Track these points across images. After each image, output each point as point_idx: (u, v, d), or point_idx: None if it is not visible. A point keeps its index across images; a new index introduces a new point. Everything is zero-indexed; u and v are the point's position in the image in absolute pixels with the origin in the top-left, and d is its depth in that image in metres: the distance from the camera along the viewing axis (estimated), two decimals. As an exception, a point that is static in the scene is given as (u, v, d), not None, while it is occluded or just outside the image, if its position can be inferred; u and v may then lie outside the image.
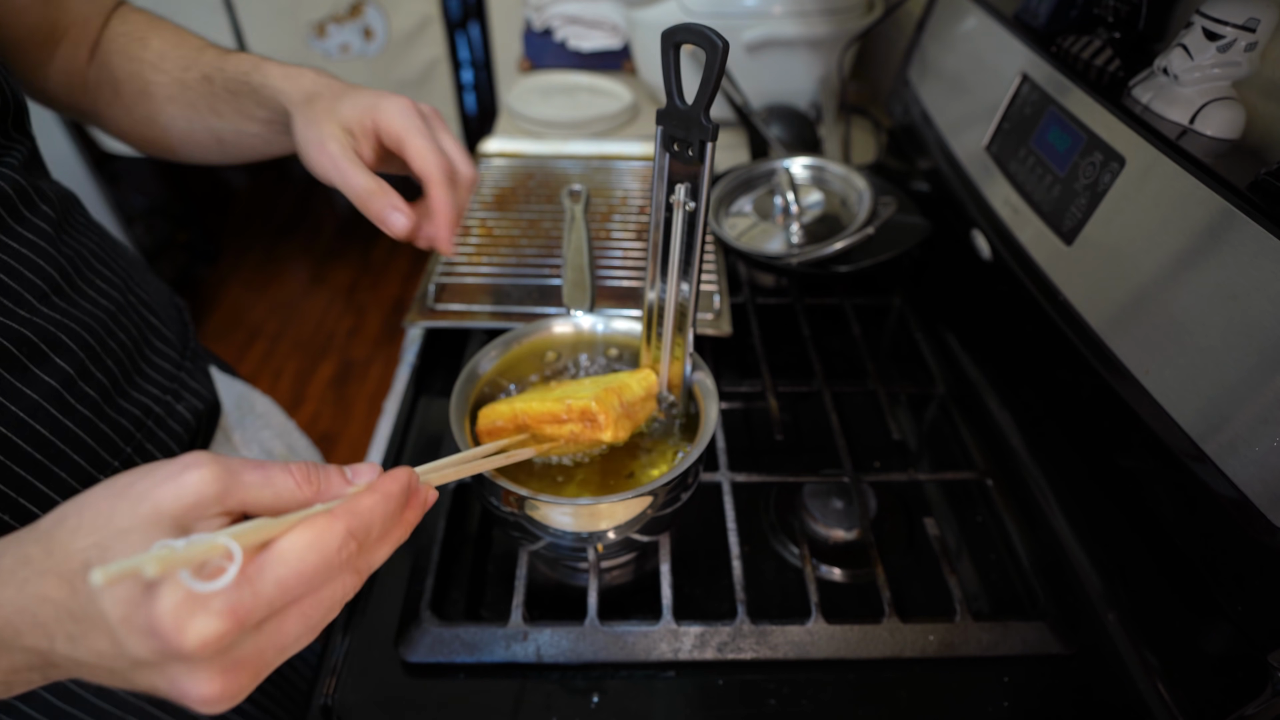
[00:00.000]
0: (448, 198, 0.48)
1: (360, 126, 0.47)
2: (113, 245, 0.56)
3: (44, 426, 0.45)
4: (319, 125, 0.47)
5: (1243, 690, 0.42)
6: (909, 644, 0.52)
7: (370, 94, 0.48)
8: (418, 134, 0.47)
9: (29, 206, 0.46)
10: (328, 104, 0.48)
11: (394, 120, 0.47)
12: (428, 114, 0.50)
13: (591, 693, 0.50)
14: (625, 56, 1.37)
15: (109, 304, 0.51)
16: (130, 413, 0.51)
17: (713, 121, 0.42)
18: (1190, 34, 0.50)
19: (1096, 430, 0.56)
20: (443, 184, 0.48)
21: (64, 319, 0.46)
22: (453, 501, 0.61)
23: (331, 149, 0.46)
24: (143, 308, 0.55)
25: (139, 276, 0.58)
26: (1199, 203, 0.45)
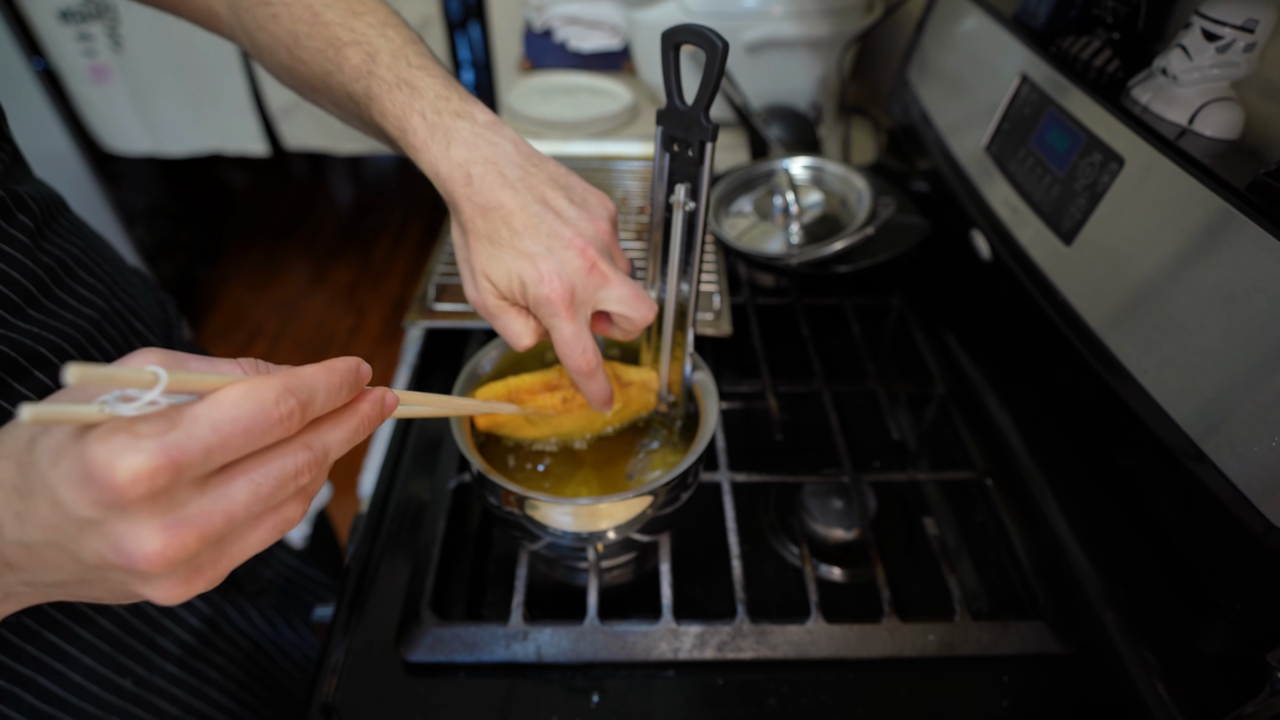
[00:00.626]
0: (590, 388, 0.46)
1: (512, 292, 0.43)
2: (98, 248, 0.55)
3: None
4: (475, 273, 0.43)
5: (1241, 689, 0.42)
6: (908, 643, 0.52)
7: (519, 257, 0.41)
8: (556, 328, 0.43)
9: (5, 217, 0.44)
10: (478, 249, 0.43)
11: (536, 305, 0.42)
12: (580, 284, 0.42)
13: (591, 692, 0.51)
14: (625, 57, 1.37)
15: (93, 312, 0.49)
16: None
17: (712, 122, 0.42)
18: (1189, 35, 0.50)
19: (1096, 430, 0.56)
20: (583, 381, 0.46)
21: (43, 331, 0.45)
22: (453, 502, 0.61)
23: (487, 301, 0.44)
24: (128, 314, 0.54)
25: (124, 279, 0.56)
26: (1198, 203, 0.45)
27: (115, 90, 1.90)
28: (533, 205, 0.42)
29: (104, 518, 0.24)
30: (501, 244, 0.42)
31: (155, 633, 0.56)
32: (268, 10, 0.47)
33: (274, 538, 0.28)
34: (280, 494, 0.27)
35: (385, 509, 0.63)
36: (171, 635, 0.57)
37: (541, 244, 0.41)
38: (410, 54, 0.45)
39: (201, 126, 1.99)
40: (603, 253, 0.43)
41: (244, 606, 0.65)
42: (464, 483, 0.63)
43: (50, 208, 0.50)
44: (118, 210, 2.10)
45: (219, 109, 2.01)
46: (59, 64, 1.83)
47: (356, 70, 0.44)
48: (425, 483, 0.64)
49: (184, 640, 0.58)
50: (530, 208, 0.42)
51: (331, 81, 0.46)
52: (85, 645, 0.51)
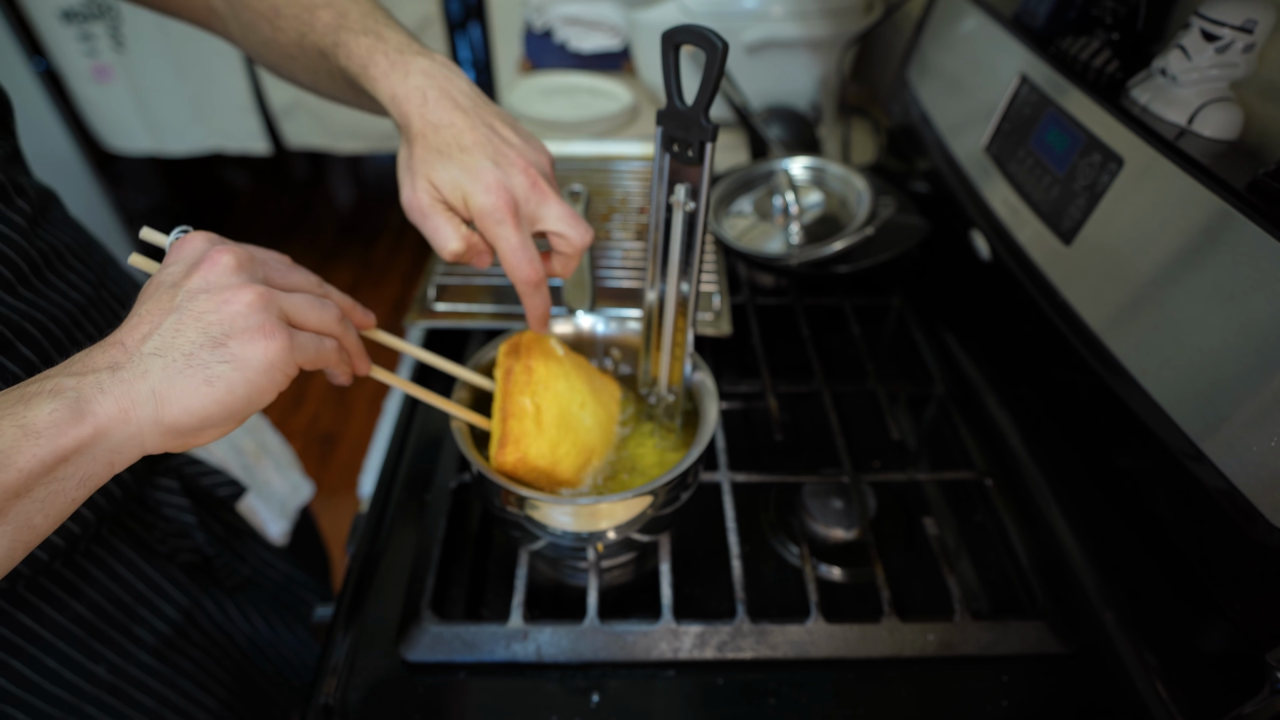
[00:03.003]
0: (534, 303, 0.49)
1: (452, 199, 0.46)
2: (89, 242, 0.58)
3: None
4: (415, 175, 0.46)
5: (1241, 689, 0.43)
6: (908, 643, 0.52)
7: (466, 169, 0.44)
8: (503, 236, 0.45)
9: (3, 199, 0.48)
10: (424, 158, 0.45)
11: (482, 213, 0.45)
12: (522, 198, 0.46)
13: (591, 692, 0.51)
14: (625, 57, 1.37)
15: (80, 296, 0.52)
16: None
17: (712, 122, 0.42)
18: (1188, 35, 0.50)
19: (1095, 430, 0.56)
20: (528, 291, 0.48)
21: (31, 309, 0.48)
22: (453, 502, 0.62)
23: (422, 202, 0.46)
24: (115, 302, 0.56)
25: (114, 273, 0.59)
26: (1197, 203, 0.45)
27: (117, 90, 1.90)
28: (481, 127, 0.46)
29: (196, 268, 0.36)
30: (450, 157, 0.45)
31: (131, 621, 0.56)
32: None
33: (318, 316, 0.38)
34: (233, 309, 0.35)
35: (385, 509, 0.63)
36: (147, 625, 0.57)
37: (489, 159, 0.45)
38: (378, 14, 0.49)
39: (203, 125, 1.99)
40: (543, 175, 0.47)
41: (221, 600, 0.65)
42: (464, 483, 0.63)
43: (46, 200, 0.53)
44: (119, 210, 2.10)
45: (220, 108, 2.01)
46: (60, 64, 1.84)
47: (328, 26, 0.48)
48: (425, 483, 0.64)
49: (160, 630, 0.58)
50: (479, 129, 0.45)
51: (305, 43, 0.49)
52: (59, 629, 0.52)
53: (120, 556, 0.56)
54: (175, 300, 0.34)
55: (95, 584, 0.54)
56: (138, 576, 0.57)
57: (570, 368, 0.53)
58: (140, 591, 0.57)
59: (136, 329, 0.34)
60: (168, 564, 0.60)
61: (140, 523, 0.58)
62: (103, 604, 0.54)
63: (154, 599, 0.58)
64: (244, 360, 0.34)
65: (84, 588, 0.53)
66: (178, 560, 0.60)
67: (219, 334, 0.34)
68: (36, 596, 0.51)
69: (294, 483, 0.82)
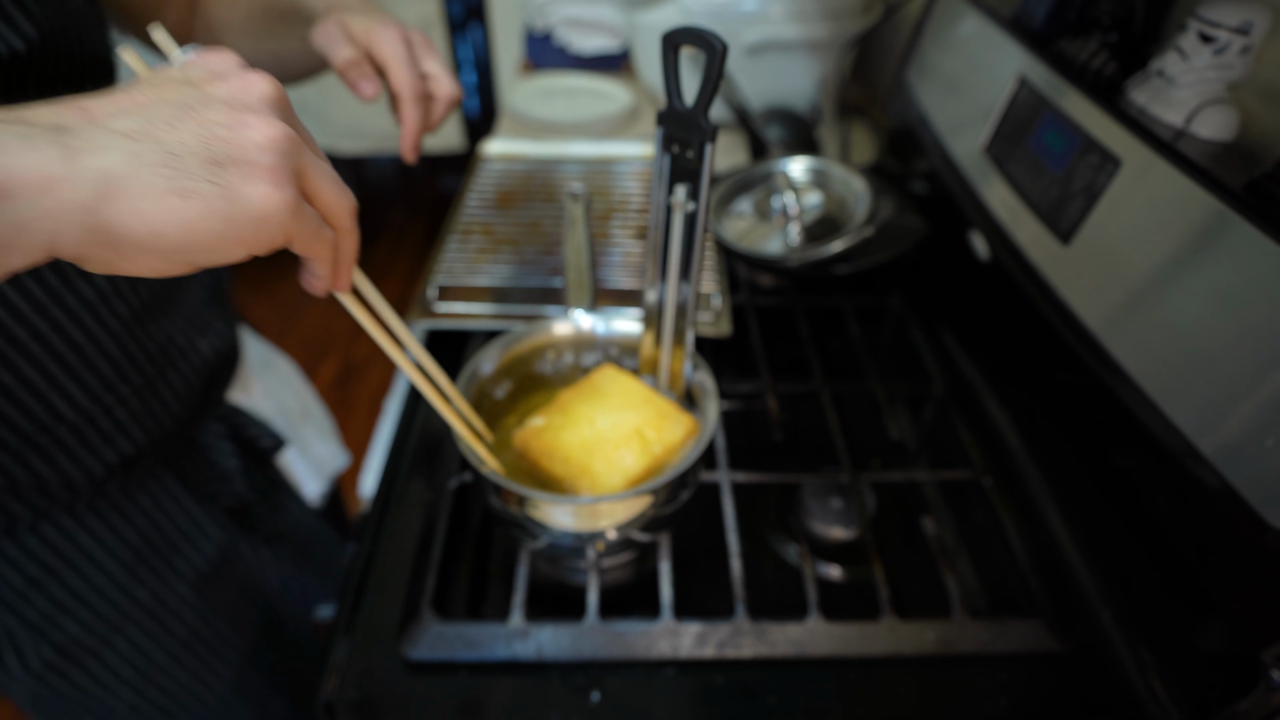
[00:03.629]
0: (413, 114, 0.57)
1: (358, 42, 0.56)
2: None
3: (80, 333, 0.50)
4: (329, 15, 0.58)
5: (1236, 686, 0.43)
6: (907, 642, 0.52)
7: (372, 20, 0.57)
8: (399, 61, 0.56)
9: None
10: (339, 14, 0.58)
11: (383, 47, 0.56)
12: (415, 42, 0.58)
13: (591, 690, 0.51)
14: (625, 59, 1.37)
15: None
16: (156, 339, 0.56)
17: (712, 123, 0.42)
18: (1185, 37, 0.50)
19: (1093, 430, 0.57)
20: (410, 102, 0.56)
21: None
22: (454, 501, 0.62)
23: (330, 29, 0.56)
24: None
25: None
26: (1194, 204, 0.45)
27: (116, 91, 1.90)
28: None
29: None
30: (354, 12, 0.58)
31: (173, 552, 0.62)
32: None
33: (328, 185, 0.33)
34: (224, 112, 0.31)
35: (387, 508, 0.63)
36: (187, 559, 0.63)
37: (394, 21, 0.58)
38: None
39: (202, 127, 2.00)
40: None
41: (256, 546, 0.70)
42: (465, 483, 0.63)
43: None
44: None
45: (220, 110, 2.01)
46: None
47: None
48: (426, 483, 0.64)
49: (198, 566, 0.63)
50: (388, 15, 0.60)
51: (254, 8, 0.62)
52: (109, 550, 0.57)
53: (168, 491, 0.62)
54: (183, 95, 0.28)
55: (144, 512, 0.59)
56: (182, 511, 0.62)
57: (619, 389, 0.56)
58: (183, 526, 0.62)
59: (112, 102, 0.27)
60: (211, 505, 0.65)
61: (190, 462, 0.64)
62: (149, 531, 0.60)
63: (195, 535, 0.63)
64: (237, 194, 0.27)
65: (134, 514, 0.59)
66: (220, 503, 0.66)
67: (221, 154, 0.28)
68: (92, 515, 0.56)
69: (333, 450, 0.87)
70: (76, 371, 0.50)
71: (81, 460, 0.53)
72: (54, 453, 0.51)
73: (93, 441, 0.53)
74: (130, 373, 0.54)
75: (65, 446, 0.52)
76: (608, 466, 0.51)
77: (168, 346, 0.57)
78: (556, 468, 0.51)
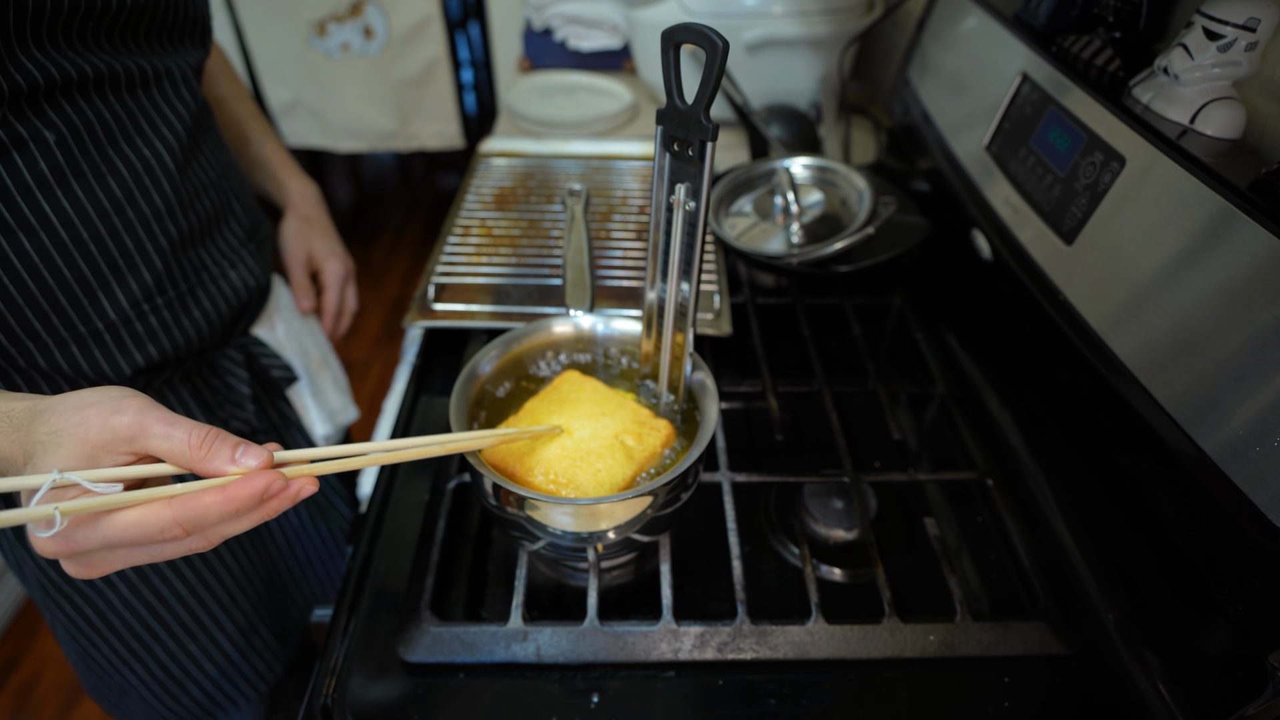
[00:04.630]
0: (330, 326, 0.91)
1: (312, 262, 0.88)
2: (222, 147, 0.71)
3: (132, 242, 0.58)
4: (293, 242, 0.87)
5: (1243, 690, 0.42)
6: (909, 644, 0.52)
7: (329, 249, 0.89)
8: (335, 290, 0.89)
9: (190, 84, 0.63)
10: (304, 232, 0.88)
11: (329, 276, 0.89)
12: (347, 275, 0.91)
13: (591, 693, 0.50)
14: (625, 56, 1.37)
15: (204, 178, 0.65)
16: (193, 261, 0.64)
17: (712, 121, 0.42)
18: (1191, 34, 0.50)
19: (1096, 430, 0.56)
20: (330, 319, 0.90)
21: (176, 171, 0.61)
22: (453, 502, 0.61)
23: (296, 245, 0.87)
24: (229, 193, 0.70)
25: (236, 177, 0.73)
26: (1199, 202, 0.45)
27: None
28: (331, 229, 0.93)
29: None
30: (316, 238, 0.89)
31: None
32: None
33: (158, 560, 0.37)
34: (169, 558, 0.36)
35: (385, 509, 0.63)
36: None
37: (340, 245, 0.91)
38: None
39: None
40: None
41: None
42: (464, 483, 0.63)
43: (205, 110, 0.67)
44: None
45: (219, 108, 2.01)
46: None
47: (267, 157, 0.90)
48: (425, 483, 0.64)
49: None
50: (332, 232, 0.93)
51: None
52: None
53: (183, 407, 0.67)
54: None
55: None
56: None
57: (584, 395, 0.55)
58: None
59: None
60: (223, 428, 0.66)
61: (206, 384, 0.70)
62: None
63: None
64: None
65: None
66: (230, 427, 0.71)
67: None
68: None
69: (345, 402, 0.93)
70: (124, 276, 0.58)
71: (114, 357, 0.60)
72: (91, 347, 0.59)
73: (126, 342, 0.60)
74: (167, 285, 0.62)
75: (102, 342, 0.59)
76: (593, 477, 0.50)
77: (201, 271, 0.65)
78: (536, 480, 0.50)
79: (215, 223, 0.67)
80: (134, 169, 0.57)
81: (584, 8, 1.30)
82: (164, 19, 0.58)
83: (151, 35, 0.58)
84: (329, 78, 1.98)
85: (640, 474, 0.52)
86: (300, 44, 1.92)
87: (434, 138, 2.15)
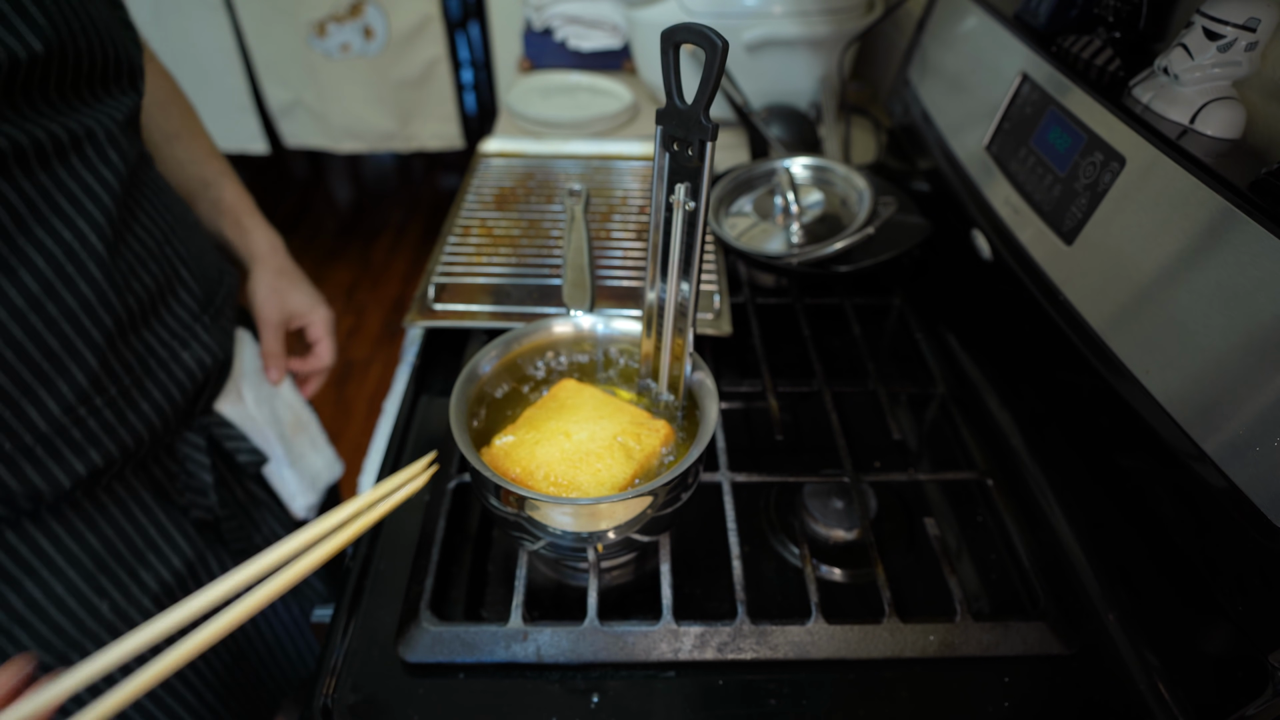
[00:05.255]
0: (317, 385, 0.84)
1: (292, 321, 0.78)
2: (168, 205, 0.61)
3: (57, 341, 0.50)
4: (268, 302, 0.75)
5: (1243, 690, 0.42)
6: (909, 644, 0.52)
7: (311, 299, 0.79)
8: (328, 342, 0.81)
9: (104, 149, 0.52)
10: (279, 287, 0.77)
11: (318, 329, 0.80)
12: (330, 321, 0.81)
13: (591, 693, 0.50)
14: (625, 56, 1.37)
15: (140, 250, 0.56)
16: (136, 350, 0.55)
17: (712, 121, 0.41)
18: (1191, 34, 0.50)
19: (1097, 430, 0.56)
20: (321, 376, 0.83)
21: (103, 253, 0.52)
22: (452, 502, 0.61)
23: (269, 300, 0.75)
24: (176, 260, 0.60)
25: (184, 235, 0.62)
26: (1200, 202, 0.45)
27: (115, 89, 1.90)
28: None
29: None
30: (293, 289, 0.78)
31: (138, 563, 0.59)
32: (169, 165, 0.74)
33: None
34: None
35: (385, 509, 0.62)
36: (153, 570, 0.59)
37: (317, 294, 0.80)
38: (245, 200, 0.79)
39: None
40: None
41: (226, 562, 0.66)
42: (464, 483, 0.63)
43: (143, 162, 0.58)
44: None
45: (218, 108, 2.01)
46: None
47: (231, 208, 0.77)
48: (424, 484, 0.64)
49: (164, 579, 0.60)
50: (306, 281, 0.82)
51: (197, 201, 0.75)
52: (71, 557, 0.54)
53: (138, 499, 0.59)
54: None
55: (111, 520, 0.57)
56: (151, 521, 0.60)
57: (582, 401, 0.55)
58: (151, 536, 0.60)
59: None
60: (181, 517, 0.63)
61: (164, 471, 0.61)
62: (114, 541, 0.57)
63: (163, 546, 0.60)
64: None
65: (100, 521, 0.56)
66: (191, 515, 0.63)
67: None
68: (56, 521, 0.53)
69: (328, 459, 0.86)
70: (50, 380, 0.49)
71: (50, 471, 0.51)
72: (21, 463, 0.49)
73: (63, 453, 0.51)
74: (106, 382, 0.52)
75: (33, 457, 0.50)
76: (593, 477, 0.50)
77: (147, 357, 0.55)
78: (538, 483, 0.50)
79: (159, 299, 0.57)
80: (52, 258, 0.48)
81: (584, 8, 1.30)
82: (77, 69, 0.47)
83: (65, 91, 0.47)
84: (329, 78, 1.98)
85: (640, 474, 0.52)
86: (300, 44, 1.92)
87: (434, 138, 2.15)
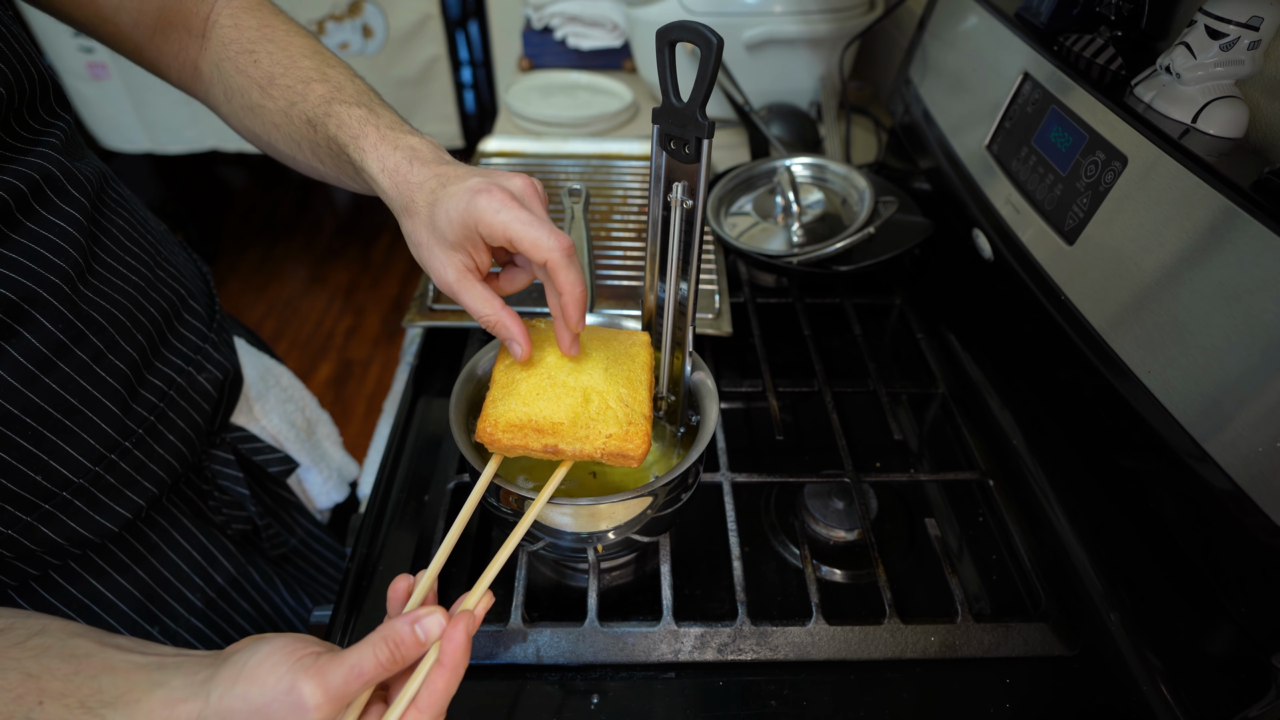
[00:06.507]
0: (575, 276, 0.44)
1: (468, 241, 0.45)
2: (142, 220, 0.57)
3: (76, 397, 0.47)
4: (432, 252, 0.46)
5: (1246, 692, 0.42)
6: (910, 645, 0.52)
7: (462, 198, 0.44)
8: (522, 225, 0.43)
9: (61, 195, 0.47)
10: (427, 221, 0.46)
11: (493, 224, 0.43)
12: (524, 195, 0.46)
13: (591, 694, 0.50)
14: (625, 55, 1.36)
15: (138, 279, 0.52)
16: (155, 385, 0.53)
17: (709, 119, 0.41)
18: (1193, 32, 0.49)
19: (1098, 430, 0.56)
20: (566, 265, 0.44)
21: (97, 298, 0.49)
22: (452, 502, 0.61)
23: (450, 278, 0.46)
24: (172, 280, 0.57)
25: (167, 249, 0.59)
26: (1201, 202, 0.44)
27: (113, 87, 1.90)
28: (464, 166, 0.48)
29: None
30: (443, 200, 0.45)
31: (185, 586, 0.59)
32: (250, 57, 0.54)
33: None
34: None
35: (384, 509, 0.62)
36: (199, 590, 0.60)
37: (476, 175, 0.46)
38: (372, 94, 0.53)
39: (199, 124, 1.99)
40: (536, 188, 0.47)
41: (265, 570, 0.67)
42: (464, 483, 0.63)
43: (102, 183, 0.53)
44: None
45: (218, 108, 2.01)
46: (56, 61, 1.83)
47: (321, 98, 0.51)
48: (424, 483, 0.64)
49: (209, 596, 0.61)
50: (463, 166, 0.48)
51: (294, 111, 0.52)
52: (121, 592, 0.55)
53: (179, 525, 0.58)
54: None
55: (156, 551, 0.57)
56: (193, 545, 0.60)
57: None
58: (195, 559, 0.60)
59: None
60: (220, 534, 0.63)
61: (197, 492, 0.61)
62: (160, 570, 0.57)
63: (206, 566, 0.61)
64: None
65: (146, 555, 0.56)
66: (229, 530, 0.63)
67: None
68: (103, 561, 0.53)
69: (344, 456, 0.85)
70: (75, 435, 0.48)
71: (90, 518, 0.51)
72: (61, 516, 0.49)
73: (100, 498, 0.51)
74: (132, 425, 0.51)
75: (71, 508, 0.49)
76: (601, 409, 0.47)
77: (168, 388, 0.54)
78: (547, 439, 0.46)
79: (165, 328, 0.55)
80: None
81: (584, 6, 1.30)
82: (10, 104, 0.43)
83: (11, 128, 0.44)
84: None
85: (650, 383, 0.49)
86: (299, 43, 1.92)
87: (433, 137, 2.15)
